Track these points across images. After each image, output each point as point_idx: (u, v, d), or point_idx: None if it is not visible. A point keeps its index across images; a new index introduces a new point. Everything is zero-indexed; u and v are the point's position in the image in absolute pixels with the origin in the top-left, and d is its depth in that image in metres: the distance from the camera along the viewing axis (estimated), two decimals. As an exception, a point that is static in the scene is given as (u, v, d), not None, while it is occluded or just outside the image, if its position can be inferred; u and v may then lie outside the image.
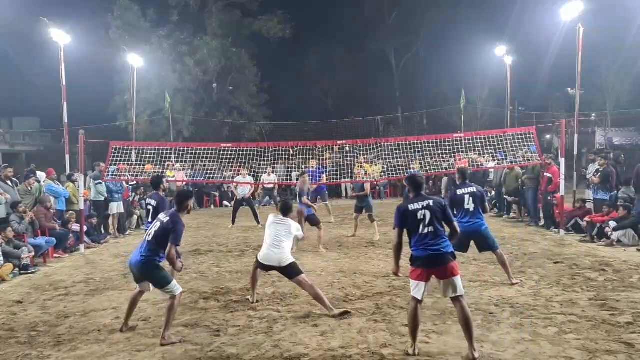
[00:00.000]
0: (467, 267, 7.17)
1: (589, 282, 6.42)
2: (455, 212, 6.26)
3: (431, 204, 4.35)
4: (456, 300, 4.23)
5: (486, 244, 6.41)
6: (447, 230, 4.46)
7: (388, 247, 9.24)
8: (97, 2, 28.80)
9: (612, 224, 9.06)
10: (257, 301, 5.89)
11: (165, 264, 4.91)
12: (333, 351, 4.38)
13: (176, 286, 4.80)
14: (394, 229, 4.42)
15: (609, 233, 8.99)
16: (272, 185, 15.40)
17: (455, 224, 4.52)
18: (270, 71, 31.42)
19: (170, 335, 4.70)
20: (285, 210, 6.04)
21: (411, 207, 4.36)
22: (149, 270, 4.78)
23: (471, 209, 6.27)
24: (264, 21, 30.60)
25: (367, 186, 10.63)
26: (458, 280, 4.23)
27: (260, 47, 31.57)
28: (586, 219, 9.80)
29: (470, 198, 6.28)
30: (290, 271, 5.60)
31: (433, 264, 4.23)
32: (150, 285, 4.94)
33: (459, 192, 6.42)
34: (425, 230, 4.27)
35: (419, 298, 4.26)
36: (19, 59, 27.82)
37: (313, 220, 9.31)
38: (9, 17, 22.89)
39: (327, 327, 4.98)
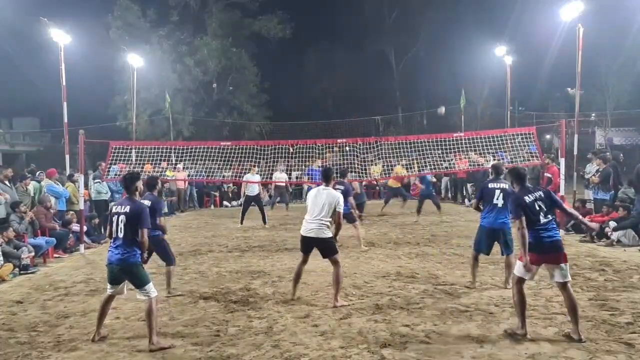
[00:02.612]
0: (468, 267, 7.15)
1: (589, 282, 6.43)
2: (482, 206, 6.26)
3: (542, 194, 4.63)
4: (563, 286, 4.51)
5: (506, 245, 6.22)
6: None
7: (388, 247, 9.26)
8: (97, 2, 28.86)
9: (612, 224, 9.07)
10: (298, 298, 5.94)
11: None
12: (333, 351, 4.38)
13: (153, 288, 4.72)
14: (514, 219, 4.64)
15: (609, 233, 8.99)
16: (283, 183, 15.33)
17: (565, 207, 4.77)
18: (270, 71, 31.45)
19: (158, 340, 4.58)
20: (327, 178, 5.98)
21: (527, 199, 4.59)
22: (130, 266, 4.67)
23: (499, 205, 6.08)
24: (264, 21, 30.61)
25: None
26: (566, 267, 4.51)
27: (260, 47, 31.61)
28: (586, 219, 9.80)
29: (501, 194, 6.08)
30: (327, 248, 5.75)
31: (548, 250, 4.50)
32: (124, 288, 4.87)
33: (491, 185, 6.27)
34: (543, 220, 4.53)
35: (526, 278, 4.59)
36: (19, 59, 27.84)
37: (349, 218, 9.17)
38: (9, 17, 22.90)
39: (327, 327, 4.98)
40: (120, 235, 4.68)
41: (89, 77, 23.70)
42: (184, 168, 15.30)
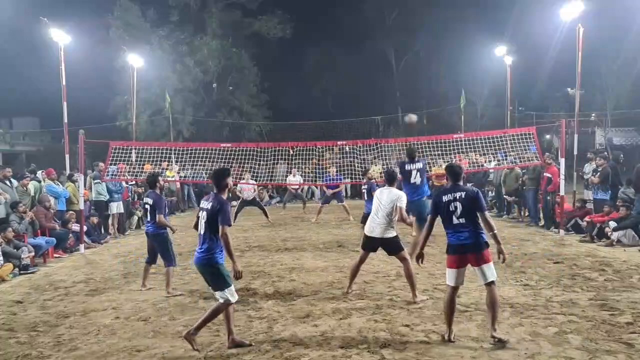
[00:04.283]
0: (467, 267, 7.14)
1: (589, 282, 6.43)
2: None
3: (463, 195, 4.51)
4: (487, 285, 4.48)
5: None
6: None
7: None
8: (97, 2, 28.82)
9: (612, 224, 9.06)
10: (348, 293, 6.09)
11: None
12: (333, 351, 4.38)
13: (234, 293, 4.52)
14: (426, 215, 4.79)
15: (609, 233, 8.99)
16: (297, 186, 15.55)
17: (487, 214, 4.62)
18: (270, 71, 31.39)
19: (236, 339, 4.51)
20: (390, 180, 6.14)
21: (444, 198, 4.59)
22: (210, 266, 4.49)
23: (417, 183, 6.98)
24: (264, 21, 30.58)
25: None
26: (489, 267, 4.46)
27: (260, 47, 31.56)
28: (586, 219, 9.81)
29: (417, 173, 6.99)
30: (392, 246, 5.89)
31: (463, 251, 4.49)
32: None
33: (407, 166, 7.29)
34: (457, 221, 4.48)
35: (452, 285, 4.55)
36: (19, 59, 27.79)
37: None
38: (9, 17, 22.87)
39: (327, 327, 4.98)
40: (202, 232, 4.55)
41: (89, 77, 23.63)
42: (179, 170, 15.28)
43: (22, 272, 7.88)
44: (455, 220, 4.49)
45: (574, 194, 11.58)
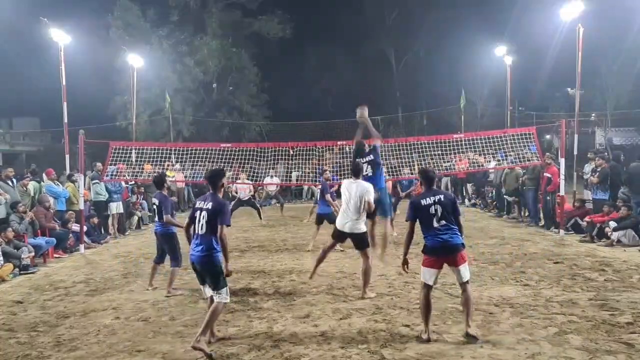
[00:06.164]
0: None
1: (589, 282, 6.43)
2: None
3: (442, 198, 4.64)
4: (463, 285, 4.62)
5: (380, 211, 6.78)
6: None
7: (388, 247, 9.23)
8: (97, 2, 28.81)
9: (612, 224, 9.06)
10: (310, 278, 6.44)
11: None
12: (333, 351, 4.38)
13: (228, 293, 4.55)
14: (406, 221, 4.78)
15: (609, 233, 8.99)
16: (274, 187, 15.66)
17: (461, 218, 4.74)
18: (270, 71, 31.38)
19: (201, 340, 4.33)
20: (356, 172, 6.26)
21: (423, 202, 4.65)
22: (212, 266, 4.51)
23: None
24: (264, 21, 30.60)
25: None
26: (465, 267, 4.60)
27: (260, 47, 31.57)
28: (586, 219, 9.81)
29: (369, 165, 6.84)
30: (359, 241, 6.00)
31: (443, 252, 4.57)
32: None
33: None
34: (437, 224, 4.57)
35: (430, 284, 4.64)
36: (19, 59, 27.82)
37: (332, 219, 9.22)
38: (9, 18, 22.87)
39: (327, 327, 4.98)
40: (201, 232, 4.57)
41: (89, 77, 23.63)
42: (181, 169, 15.30)
43: (22, 272, 7.88)
44: (435, 224, 4.58)
45: (574, 194, 11.57)
